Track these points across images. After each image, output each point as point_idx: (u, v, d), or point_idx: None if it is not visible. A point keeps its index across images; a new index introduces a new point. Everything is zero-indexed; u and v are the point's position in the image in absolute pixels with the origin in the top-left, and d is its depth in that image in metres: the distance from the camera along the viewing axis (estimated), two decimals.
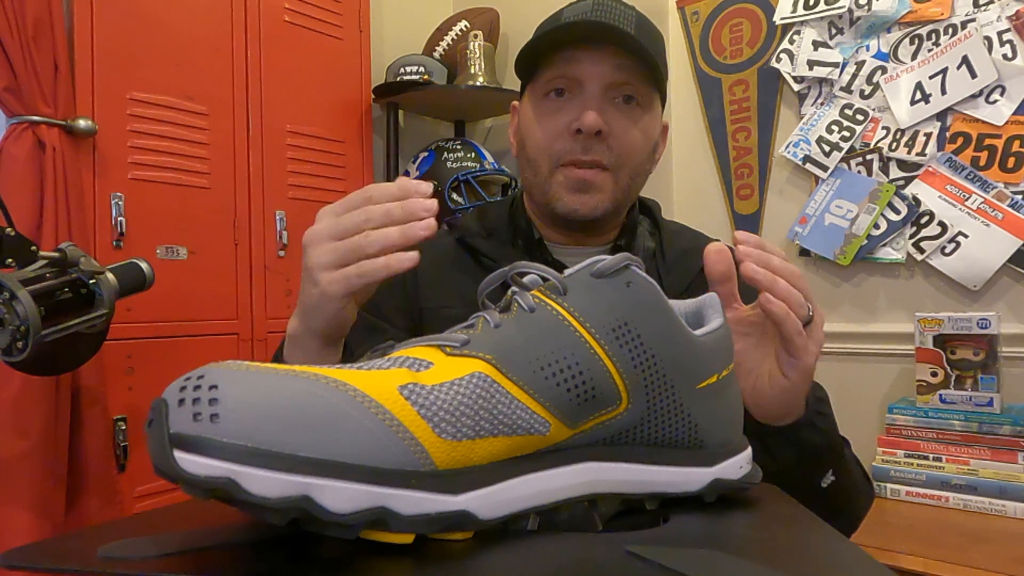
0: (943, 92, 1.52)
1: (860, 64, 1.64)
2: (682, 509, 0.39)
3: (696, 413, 0.39)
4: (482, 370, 0.33)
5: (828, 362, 1.61)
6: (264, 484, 0.26)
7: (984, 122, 1.48)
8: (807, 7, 1.69)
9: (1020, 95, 1.45)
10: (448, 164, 1.91)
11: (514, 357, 0.34)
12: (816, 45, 1.69)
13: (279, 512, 0.27)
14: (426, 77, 1.93)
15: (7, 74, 1.25)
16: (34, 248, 0.99)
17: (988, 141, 1.48)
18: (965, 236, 1.49)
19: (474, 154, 1.95)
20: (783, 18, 1.73)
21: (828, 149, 1.66)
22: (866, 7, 1.61)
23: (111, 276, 1.08)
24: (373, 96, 1.93)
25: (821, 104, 1.69)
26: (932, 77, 1.54)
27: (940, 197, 1.53)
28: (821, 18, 1.68)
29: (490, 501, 0.31)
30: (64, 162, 1.28)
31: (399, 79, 1.94)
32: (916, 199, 1.55)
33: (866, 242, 1.59)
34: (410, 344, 0.36)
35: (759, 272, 0.52)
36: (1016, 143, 1.45)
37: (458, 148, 1.94)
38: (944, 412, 1.35)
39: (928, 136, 1.55)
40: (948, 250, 1.51)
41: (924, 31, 1.56)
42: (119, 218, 1.40)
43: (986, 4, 1.49)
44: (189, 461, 0.26)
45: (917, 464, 1.35)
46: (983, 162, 1.48)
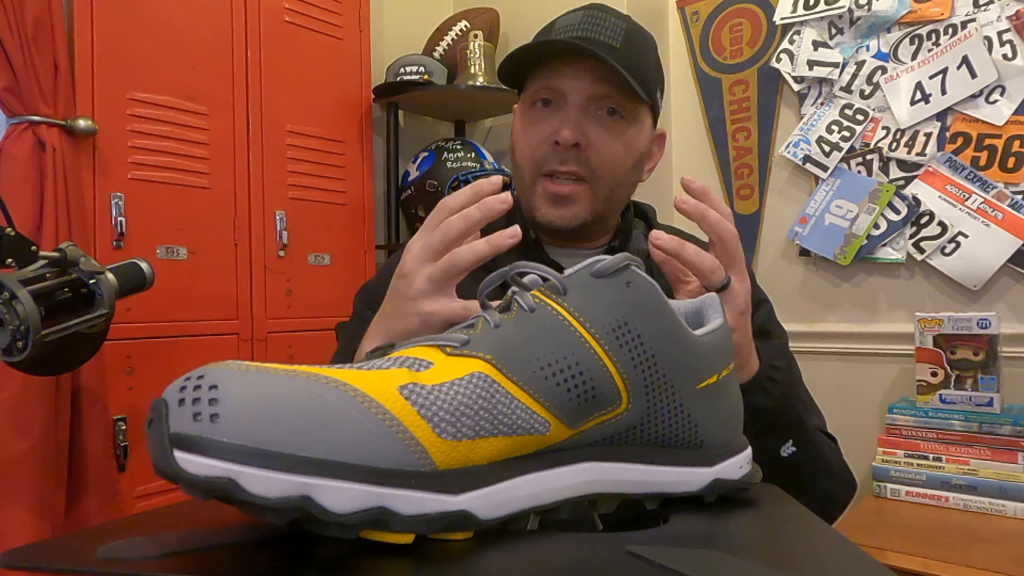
0: (943, 92, 1.52)
1: (860, 64, 1.64)
2: (682, 509, 0.38)
3: (696, 413, 0.39)
4: (482, 370, 0.33)
5: (828, 362, 1.61)
6: (264, 484, 0.26)
7: (984, 122, 1.48)
8: (807, 7, 1.69)
9: (1020, 95, 1.45)
10: (448, 164, 1.91)
11: (514, 357, 0.34)
12: (816, 45, 1.69)
13: (279, 512, 0.27)
14: (426, 77, 1.93)
15: (7, 74, 1.25)
16: (34, 248, 0.99)
17: (988, 141, 1.48)
18: (965, 236, 1.49)
19: (474, 154, 1.95)
20: (783, 18, 1.73)
21: (828, 149, 1.66)
22: (866, 7, 1.61)
23: (111, 276, 1.08)
24: (373, 96, 1.94)
25: (821, 104, 1.69)
26: (932, 77, 1.54)
27: (940, 197, 1.53)
28: (821, 18, 1.68)
29: (490, 501, 0.31)
30: (64, 162, 1.28)
31: (399, 79, 1.94)
32: (916, 199, 1.55)
33: (866, 242, 1.59)
34: (410, 344, 0.36)
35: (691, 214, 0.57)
36: (1016, 143, 1.45)
37: (458, 148, 1.95)
38: (944, 412, 1.35)
39: (928, 136, 1.55)
40: (948, 250, 1.51)
41: (924, 31, 1.56)
42: (119, 218, 1.40)
43: (986, 4, 1.49)
44: (189, 461, 0.26)
45: (917, 464, 1.35)
46: (983, 162, 1.48)
